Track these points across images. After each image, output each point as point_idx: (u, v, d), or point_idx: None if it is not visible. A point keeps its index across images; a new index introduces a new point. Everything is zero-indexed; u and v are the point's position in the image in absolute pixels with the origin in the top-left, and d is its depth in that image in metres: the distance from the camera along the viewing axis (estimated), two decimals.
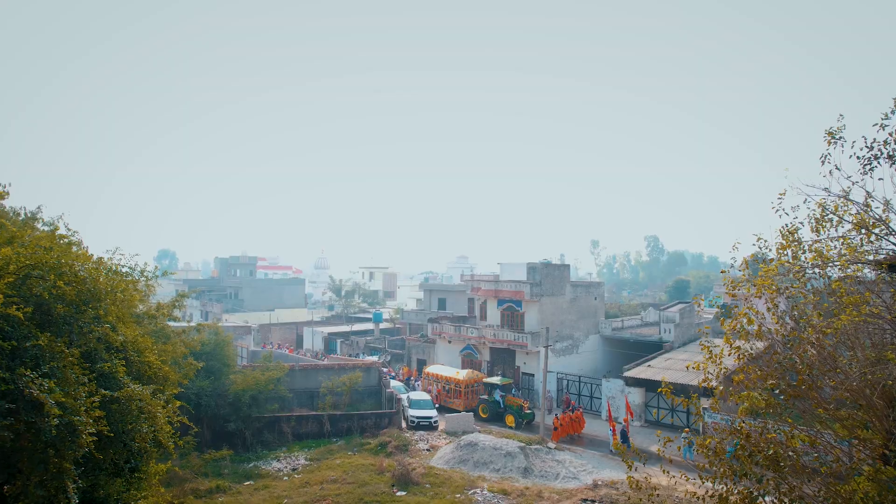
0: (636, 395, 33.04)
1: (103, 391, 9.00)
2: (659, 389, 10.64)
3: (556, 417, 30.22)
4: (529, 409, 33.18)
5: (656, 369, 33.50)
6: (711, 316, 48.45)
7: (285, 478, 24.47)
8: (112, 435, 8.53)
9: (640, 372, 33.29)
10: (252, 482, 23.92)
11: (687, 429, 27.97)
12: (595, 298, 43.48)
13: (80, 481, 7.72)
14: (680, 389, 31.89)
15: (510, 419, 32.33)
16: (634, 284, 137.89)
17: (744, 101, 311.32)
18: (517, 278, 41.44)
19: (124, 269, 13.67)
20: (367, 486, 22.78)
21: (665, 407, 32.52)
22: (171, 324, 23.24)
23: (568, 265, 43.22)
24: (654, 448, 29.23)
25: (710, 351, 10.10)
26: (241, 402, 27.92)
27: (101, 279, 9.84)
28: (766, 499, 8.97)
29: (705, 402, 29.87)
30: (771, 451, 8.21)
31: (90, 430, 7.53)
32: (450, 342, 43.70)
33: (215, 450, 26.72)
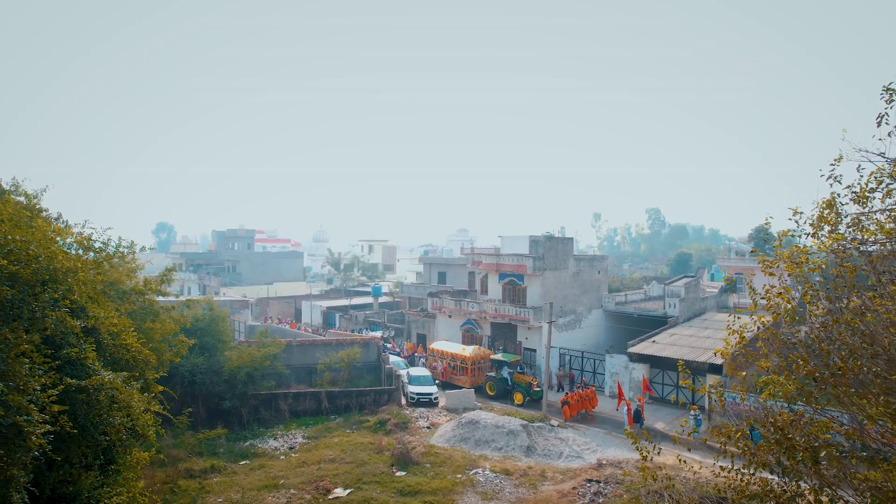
0: (640, 372, 32.35)
1: (69, 380, 8.09)
2: (683, 382, 9.70)
3: (566, 395, 29.49)
4: (538, 386, 32.37)
5: (661, 345, 32.77)
6: (716, 290, 47.67)
7: (282, 457, 23.88)
8: (76, 431, 7.63)
9: (644, 348, 32.56)
10: (248, 461, 23.33)
11: (695, 405, 27.36)
12: (598, 272, 42.58)
13: (34, 489, 6.87)
14: (690, 366, 31.22)
15: (518, 397, 31.51)
16: (635, 257, 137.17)
17: (744, 101, 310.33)
18: (519, 252, 40.45)
19: (97, 245, 12.62)
20: (365, 466, 22.18)
21: (670, 383, 31.90)
22: (161, 299, 22.35)
23: (571, 238, 42.20)
24: (658, 425, 28.66)
25: (743, 336, 9.13)
26: (236, 380, 27.23)
27: (59, 257, 8.80)
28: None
29: (712, 379, 29.19)
30: (823, 453, 7.28)
31: (42, 431, 6.61)
32: (450, 317, 42.94)
33: (211, 428, 26.19)
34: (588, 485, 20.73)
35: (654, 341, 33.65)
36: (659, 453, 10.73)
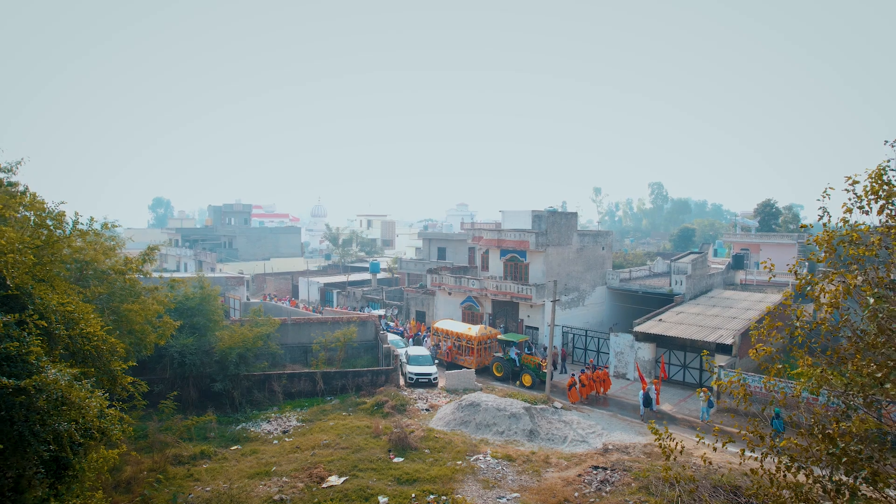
0: (646, 351, 31.36)
1: (4, 380, 6.92)
2: (715, 384, 8.57)
3: (574, 376, 28.37)
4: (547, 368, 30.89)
5: (668, 324, 31.71)
6: (722, 266, 46.53)
7: (275, 441, 22.95)
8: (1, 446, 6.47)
9: (650, 327, 31.49)
10: (239, 446, 22.37)
11: (705, 388, 26.39)
12: (603, 248, 41.35)
13: None
14: (695, 346, 30.16)
15: (527, 378, 30.14)
16: (637, 232, 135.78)
17: (743, 100, 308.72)
18: (520, 227, 39.14)
19: (50, 222, 11.30)
20: (361, 452, 21.23)
21: (677, 364, 30.90)
22: (153, 276, 21.12)
23: (575, 213, 40.79)
24: (665, 407, 27.56)
25: (801, 333, 7.92)
26: (227, 361, 26.14)
27: None
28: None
29: (721, 360, 28.18)
30: None
31: None
32: (450, 294, 41.86)
33: (202, 410, 25.30)
34: (594, 472, 19.82)
35: (660, 320, 32.59)
36: (682, 451, 9.69)
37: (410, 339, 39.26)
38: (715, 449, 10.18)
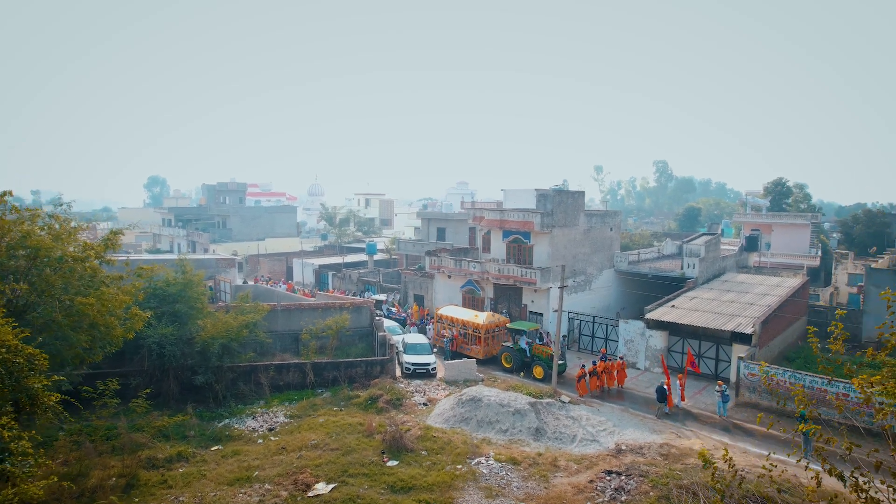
0: (658, 340, 29.50)
1: None
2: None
3: (584, 367, 26.40)
4: (561, 358, 28.25)
5: (682, 310, 29.76)
6: (735, 248, 44.50)
7: (259, 441, 21.15)
8: None
9: (663, 313, 29.54)
10: (221, 447, 20.57)
11: (721, 380, 24.50)
12: (611, 229, 39.26)
13: None
14: (708, 334, 28.27)
15: (539, 370, 28.05)
16: (640, 212, 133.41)
17: (743, 100, 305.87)
18: (523, 206, 36.98)
19: None
20: (353, 454, 19.45)
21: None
22: (146, 257, 19.11)
23: (583, 192, 38.52)
24: (675, 401, 25.38)
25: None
26: (210, 352, 24.21)
27: None
28: None
29: (739, 350, 26.26)
30: None
31: None
32: (449, 277, 39.88)
33: (182, 404, 23.59)
34: (607, 477, 18.04)
35: (673, 306, 30.64)
36: (736, 477, 7.85)
37: (413, 327, 37.16)
38: (775, 484, 8.28)
